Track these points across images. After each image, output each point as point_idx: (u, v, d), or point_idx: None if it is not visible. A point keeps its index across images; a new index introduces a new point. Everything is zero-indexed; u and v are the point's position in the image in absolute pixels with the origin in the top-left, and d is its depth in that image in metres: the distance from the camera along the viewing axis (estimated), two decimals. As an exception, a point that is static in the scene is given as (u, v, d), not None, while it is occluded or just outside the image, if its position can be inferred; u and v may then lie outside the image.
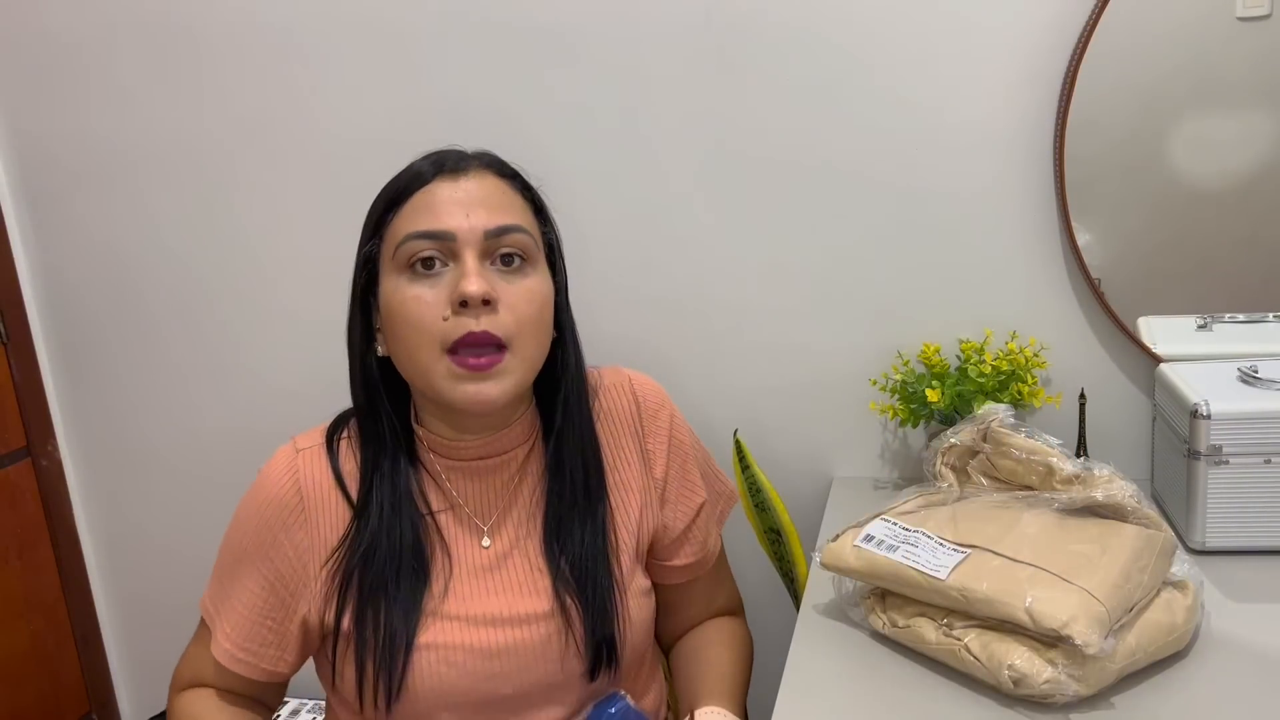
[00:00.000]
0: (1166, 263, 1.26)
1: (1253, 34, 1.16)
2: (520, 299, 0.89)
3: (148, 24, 1.45)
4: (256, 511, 0.96)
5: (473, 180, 0.91)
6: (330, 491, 0.95)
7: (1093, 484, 0.93)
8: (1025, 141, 1.26)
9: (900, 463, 1.39)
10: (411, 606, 0.92)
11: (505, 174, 0.94)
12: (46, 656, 1.60)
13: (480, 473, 0.97)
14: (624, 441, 1.03)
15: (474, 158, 0.94)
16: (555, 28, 1.34)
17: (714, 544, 1.10)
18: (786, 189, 1.33)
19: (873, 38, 1.27)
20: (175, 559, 1.64)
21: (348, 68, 1.41)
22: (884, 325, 1.34)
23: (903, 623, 0.92)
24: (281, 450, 0.98)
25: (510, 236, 0.89)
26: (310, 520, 0.94)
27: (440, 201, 0.89)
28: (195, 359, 1.56)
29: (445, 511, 0.97)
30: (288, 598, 0.95)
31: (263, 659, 0.96)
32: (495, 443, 0.97)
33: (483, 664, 0.93)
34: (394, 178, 0.94)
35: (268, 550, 0.95)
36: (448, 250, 0.88)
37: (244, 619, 0.96)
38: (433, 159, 0.93)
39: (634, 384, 1.05)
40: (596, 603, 0.95)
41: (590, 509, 0.97)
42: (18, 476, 1.57)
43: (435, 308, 0.87)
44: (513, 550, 0.97)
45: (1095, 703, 0.83)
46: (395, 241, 0.89)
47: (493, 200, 0.90)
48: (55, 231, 1.55)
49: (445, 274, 0.88)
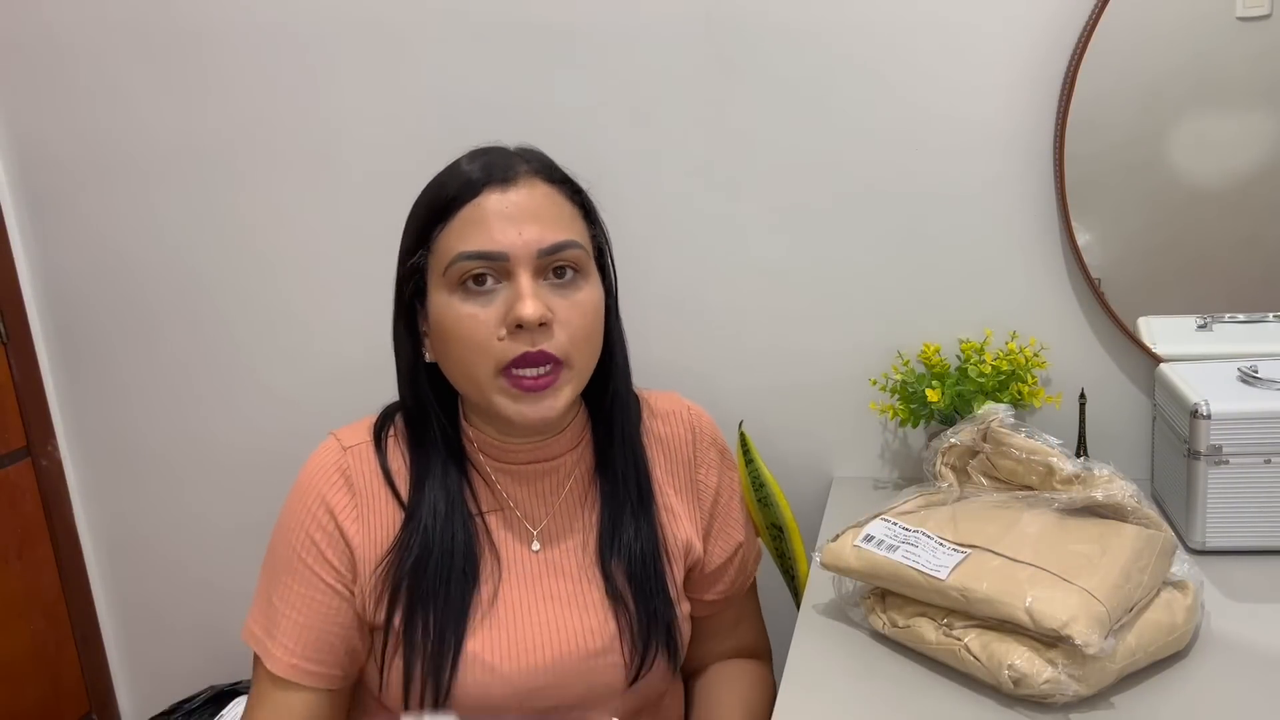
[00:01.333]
0: (1166, 263, 1.26)
1: (1253, 34, 1.16)
2: (575, 314, 0.88)
3: (148, 24, 1.45)
4: (306, 508, 0.93)
5: (523, 190, 0.88)
6: (381, 490, 0.93)
7: (1093, 484, 0.93)
8: (1025, 141, 1.26)
9: (900, 463, 1.39)
10: (461, 612, 0.90)
11: (554, 179, 0.91)
12: (46, 656, 1.60)
13: (530, 477, 0.96)
14: (677, 469, 1.02)
15: (521, 160, 0.91)
16: (555, 28, 1.34)
17: (744, 582, 1.09)
18: (787, 189, 1.33)
19: (873, 38, 1.27)
20: (175, 559, 1.64)
21: (350, 66, 1.41)
22: (884, 325, 1.34)
23: (903, 623, 0.92)
24: (325, 445, 0.96)
25: (564, 254, 0.87)
26: (362, 515, 0.92)
27: (490, 217, 0.86)
28: (195, 358, 1.56)
29: (495, 513, 0.95)
30: (346, 594, 0.92)
31: (330, 664, 0.92)
32: (545, 448, 0.96)
33: (528, 678, 0.91)
34: (437, 182, 0.91)
35: (321, 548, 0.92)
36: (501, 269, 0.86)
37: (303, 625, 0.92)
38: (480, 163, 0.90)
39: (692, 414, 1.05)
40: (651, 605, 0.94)
41: (644, 508, 0.97)
42: (18, 476, 1.57)
43: (489, 326, 0.86)
44: (563, 557, 0.95)
45: (1095, 703, 0.82)
46: (445, 258, 0.87)
47: (544, 213, 0.88)
48: (55, 231, 1.55)
49: (499, 291, 0.86)
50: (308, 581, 0.92)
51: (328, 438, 0.97)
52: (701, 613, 1.06)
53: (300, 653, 0.92)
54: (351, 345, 1.48)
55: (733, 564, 1.06)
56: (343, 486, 0.93)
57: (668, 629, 0.96)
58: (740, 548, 1.06)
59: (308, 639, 0.92)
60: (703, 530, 1.03)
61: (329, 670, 0.93)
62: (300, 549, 0.93)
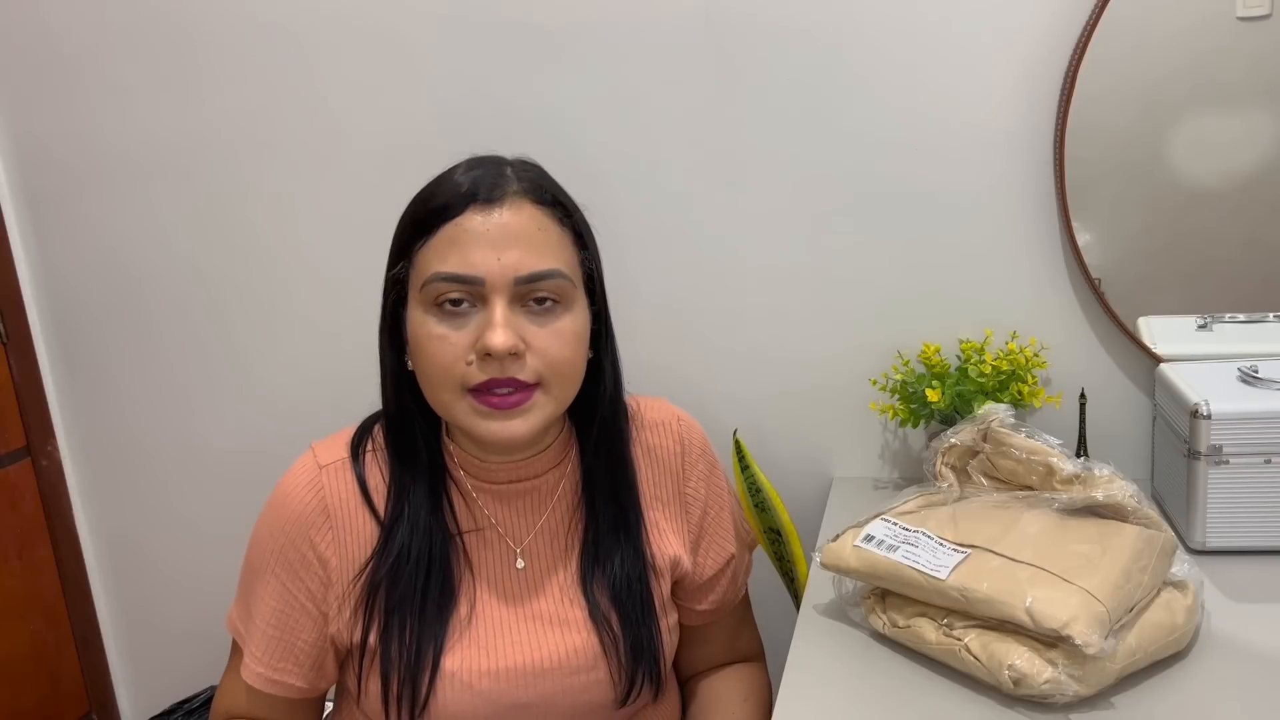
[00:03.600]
0: (1167, 263, 1.26)
1: (1253, 34, 1.16)
2: (552, 342, 0.85)
3: (148, 24, 1.45)
4: (280, 528, 0.92)
5: (508, 212, 0.84)
6: (358, 508, 0.92)
7: (1093, 484, 0.93)
8: (1026, 142, 1.26)
9: (900, 463, 1.39)
10: (438, 628, 0.89)
11: (544, 201, 0.87)
12: (46, 656, 1.60)
13: (511, 496, 0.94)
14: (664, 481, 1.00)
15: (514, 179, 0.87)
16: (555, 28, 1.34)
17: (736, 593, 1.08)
18: (786, 190, 1.33)
19: (872, 39, 1.27)
20: (175, 559, 1.64)
21: (351, 67, 1.41)
22: (884, 325, 1.34)
23: (903, 623, 0.92)
24: (302, 462, 0.94)
25: (545, 284, 0.84)
26: (338, 536, 0.91)
27: (471, 238, 0.83)
28: (195, 358, 1.56)
29: (475, 532, 0.94)
30: (317, 615, 0.92)
31: (298, 677, 0.93)
32: (526, 467, 0.94)
33: (508, 694, 0.90)
34: (427, 191, 0.89)
35: (295, 568, 0.91)
36: (476, 294, 0.84)
37: (274, 638, 0.92)
38: (470, 177, 0.86)
39: (682, 424, 1.02)
40: (636, 629, 0.93)
41: (629, 532, 0.95)
42: (18, 476, 1.57)
43: (458, 349, 0.84)
44: (546, 577, 0.94)
45: (1095, 703, 0.82)
46: (422, 276, 0.85)
47: (528, 237, 0.84)
48: (55, 231, 1.55)
49: (472, 316, 0.84)
50: (281, 595, 0.93)
51: (306, 451, 0.96)
52: (694, 621, 1.05)
53: (269, 663, 0.93)
54: (351, 346, 1.48)
55: (725, 575, 1.04)
56: (318, 510, 0.91)
57: (653, 651, 0.95)
58: (732, 560, 1.05)
59: (273, 651, 0.93)
60: (691, 542, 1.01)
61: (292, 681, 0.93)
62: (274, 565, 0.93)
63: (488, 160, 0.90)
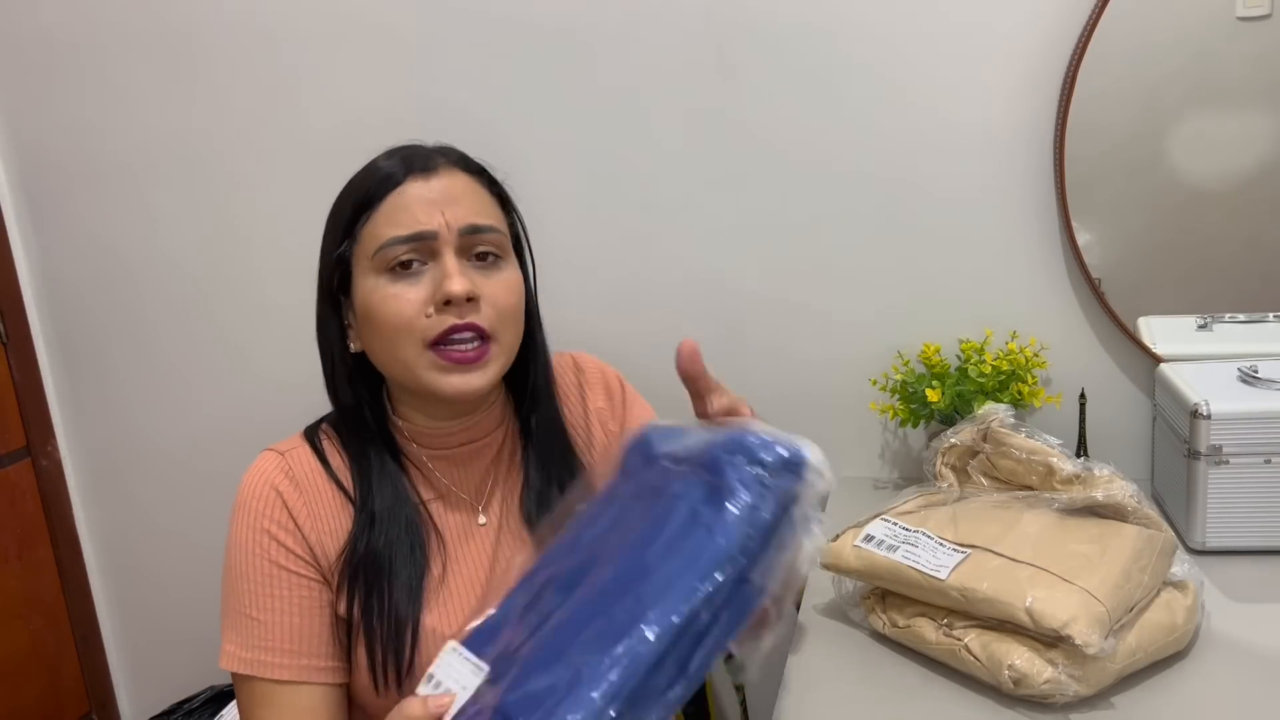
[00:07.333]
0: (1166, 263, 1.26)
1: (1253, 34, 1.16)
2: (499, 292, 0.91)
3: (146, 24, 1.45)
4: (259, 510, 0.94)
5: (443, 178, 0.92)
6: (325, 486, 0.95)
7: (1093, 484, 0.93)
8: (1026, 142, 1.26)
9: (900, 463, 1.39)
10: (415, 591, 0.93)
11: (471, 170, 0.96)
12: (46, 656, 1.60)
13: (464, 459, 0.99)
14: (576, 411, 1.05)
15: (439, 154, 0.94)
16: (554, 27, 1.34)
17: None
18: (787, 189, 1.33)
19: (873, 38, 1.27)
20: (175, 559, 1.64)
21: (345, 68, 1.41)
22: (884, 325, 1.34)
23: (903, 623, 0.92)
24: (263, 456, 0.97)
25: (485, 236, 0.91)
26: (313, 513, 0.94)
27: (415, 203, 0.90)
28: (194, 358, 1.56)
29: (435, 500, 0.98)
30: (321, 581, 0.93)
31: (332, 656, 0.93)
32: (475, 427, 0.98)
33: None
34: (358, 177, 0.94)
35: (285, 543, 0.93)
36: (427, 250, 0.90)
37: (296, 625, 0.92)
38: (399, 157, 0.93)
39: (575, 359, 1.08)
40: None
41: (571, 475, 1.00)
42: (18, 476, 1.57)
43: (417, 304, 0.89)
44: (506, 526, 0.98)
45: (1095, 703, 0.83)
46: (373, 245, 0.90)
47: (466, 197, 0.92)
48: (55, 231, 1.55)
49: (425, 272, 0.90)
50: (282, 580, 0.93)
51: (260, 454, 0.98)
52: None
53: (305, 651, 0.92)
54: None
55: None
56: (288, 483, 0.95)
57: None
58: None
59: (303, 635, 0.93)
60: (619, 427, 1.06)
61: (330, 663, 0.94)
62: (263, 551, 0.93)
63: (408, 146, 0.96)
